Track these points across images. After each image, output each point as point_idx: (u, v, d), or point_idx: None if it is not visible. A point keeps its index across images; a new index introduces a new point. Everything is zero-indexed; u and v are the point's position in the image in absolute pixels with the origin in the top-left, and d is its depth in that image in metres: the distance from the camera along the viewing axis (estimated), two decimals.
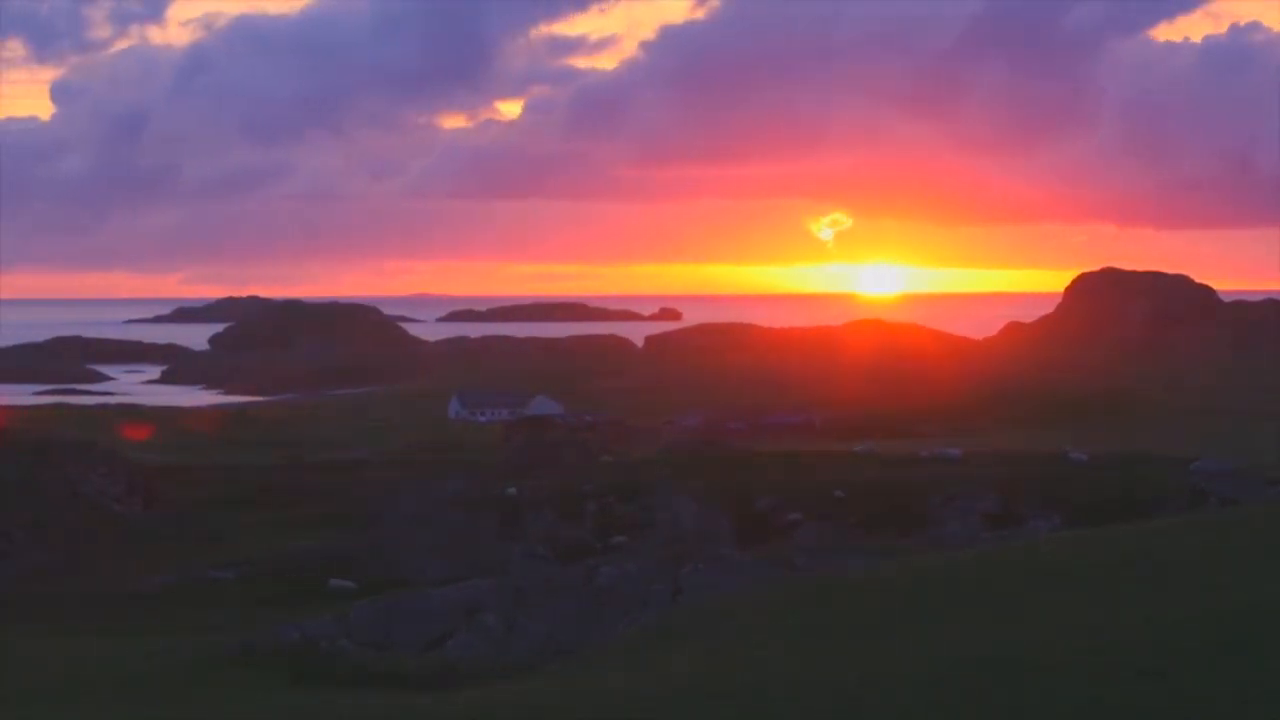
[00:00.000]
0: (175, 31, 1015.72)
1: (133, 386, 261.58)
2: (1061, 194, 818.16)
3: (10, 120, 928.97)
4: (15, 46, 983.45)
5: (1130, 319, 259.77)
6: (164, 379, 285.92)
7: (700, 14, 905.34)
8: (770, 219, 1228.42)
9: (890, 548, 43.06)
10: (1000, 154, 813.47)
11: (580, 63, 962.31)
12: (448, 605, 33.88)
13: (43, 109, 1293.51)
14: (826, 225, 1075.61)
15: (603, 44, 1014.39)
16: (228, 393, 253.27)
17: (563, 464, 76.48)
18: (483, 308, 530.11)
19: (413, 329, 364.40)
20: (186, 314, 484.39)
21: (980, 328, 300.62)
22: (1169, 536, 24.49)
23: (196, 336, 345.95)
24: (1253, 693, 13.13)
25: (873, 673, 16.00)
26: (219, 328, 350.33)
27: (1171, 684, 13.67)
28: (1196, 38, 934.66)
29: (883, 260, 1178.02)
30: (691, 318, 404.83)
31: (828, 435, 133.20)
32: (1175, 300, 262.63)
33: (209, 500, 74.11)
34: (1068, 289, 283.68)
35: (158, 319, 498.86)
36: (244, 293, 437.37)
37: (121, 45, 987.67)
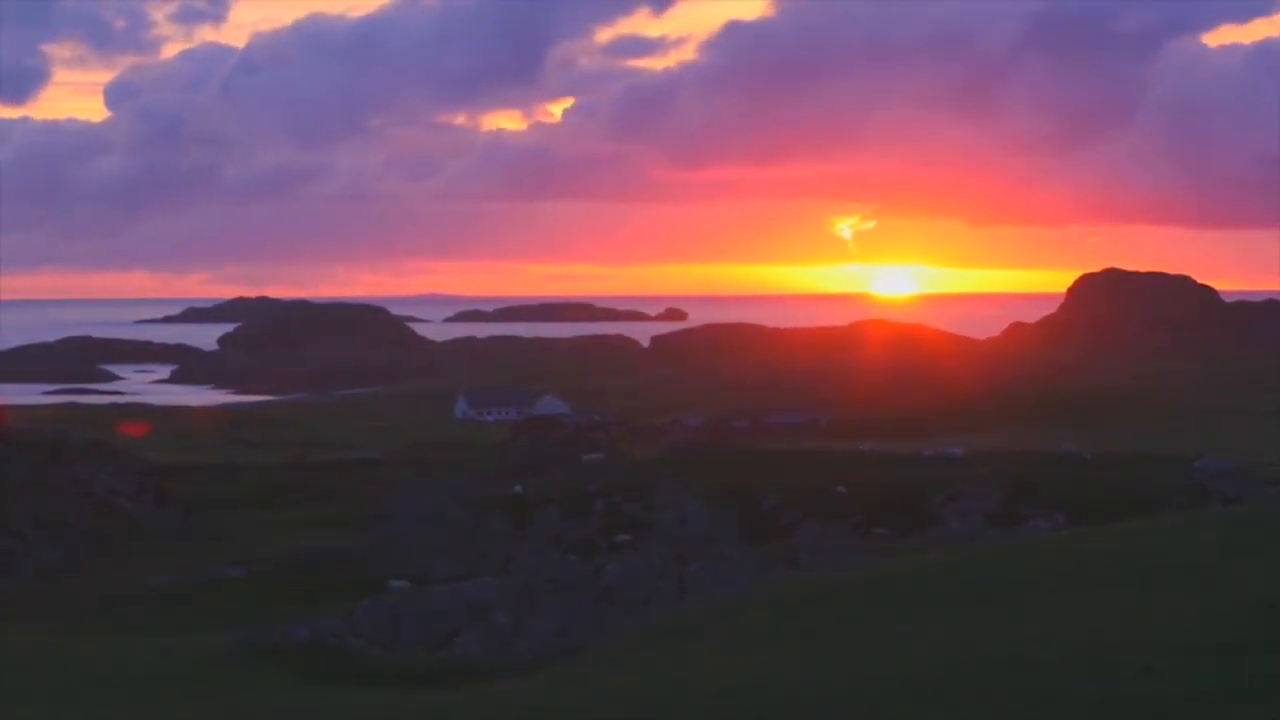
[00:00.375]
0: (231, 33, 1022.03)
1: (142, 386, 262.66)
2: (1098, 196, 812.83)
3: (69, 121, 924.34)
4: (74, 47, 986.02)
5: (1132, 319, 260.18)
6: (173, 379, 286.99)
7: (770, 12, 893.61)
8: (791, 219, 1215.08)
9: (892, 547, 43.20)
10: (1035, 156, 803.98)
11: (641, 64, 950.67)
12: (455, 603, 34.09)
13: (99, 110, 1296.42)
14: (847, 226, 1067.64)
15: (673, 44, 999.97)
16: (237, 393, 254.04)
17: (570, 463, 76.63)
18: (490, 308, 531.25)
19: (420, 329, 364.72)
20: (196, 314, 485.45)
21: (985, 327, 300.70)
22: (1169, 535, 24.57)
23: (206, 337, 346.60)
24: (1252, 690, 13.16)
25: (874, 671, 16.12)
26: (228, 328, 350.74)
27: (1171, 682, 13.70)
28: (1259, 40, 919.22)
29: (903, 261, 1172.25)
30: (697, 318, 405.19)
31: (831, 434, 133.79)
32: (1177, 301, 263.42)
33: (218, 499, 74.43)
34: (1070, 289, 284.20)
35: (167, 319, 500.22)
36: (255, 293, 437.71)
37: (178, 48, 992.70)
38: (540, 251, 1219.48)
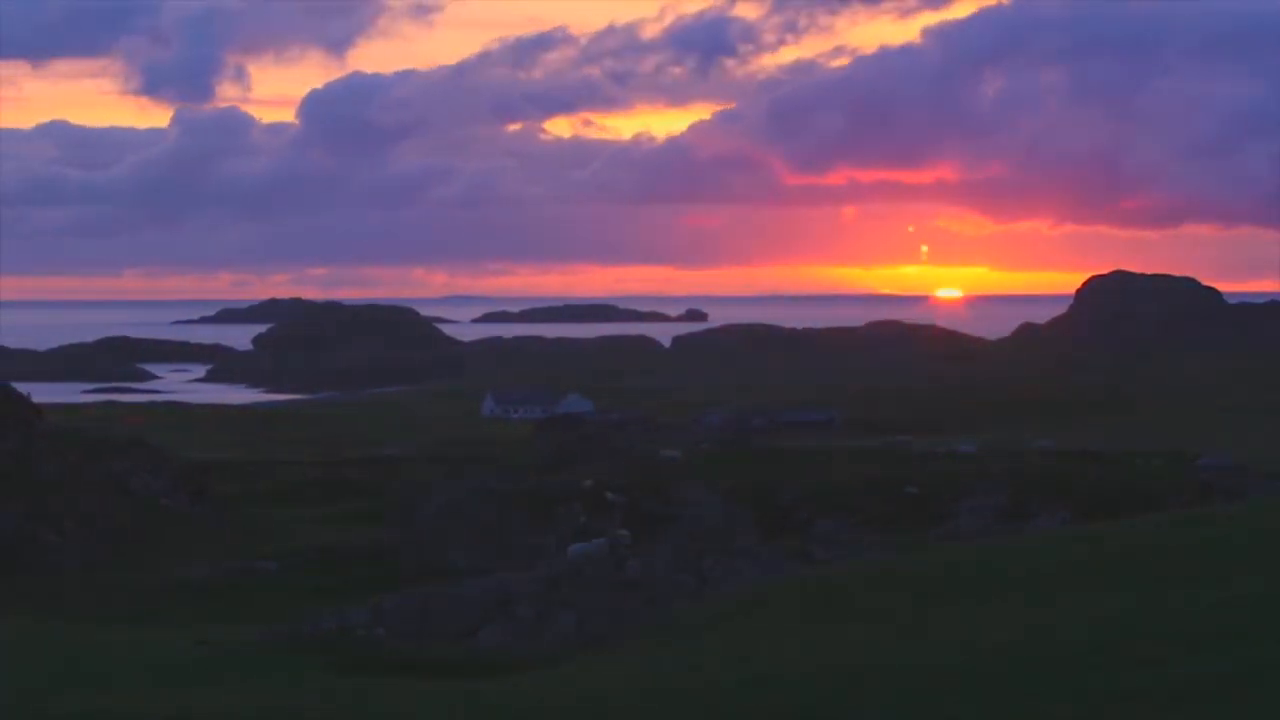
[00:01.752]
0: (423, 53, 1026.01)
1: (178, 385, 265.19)
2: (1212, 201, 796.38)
3: (200, 125, 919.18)
4: (270, 57, 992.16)
5: (1141, 319, 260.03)
6: (209, 378, 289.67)
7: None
8: (877, 221, 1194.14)
9: (904, 542, 43.82)
10: (1138, 160, 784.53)
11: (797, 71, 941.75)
12: (481, 596, 34.89)
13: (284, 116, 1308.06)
14: (921, 228, 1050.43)
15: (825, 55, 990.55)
16: (270, 391, 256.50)
17: (593, 460, 77.60)
18: (516, 309, 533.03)
19: (448, 330, 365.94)
20: (231, 315, 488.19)
21: (997, 328, 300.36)
22: (1172, 530, 25.00)
23: (240, 337, 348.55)
24: (1252, 682, 13.29)
25: (885, 663, 16.64)
26: (262, 328, 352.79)
27: (1174, 673, 13.93)
28: None
29: (973, 264, 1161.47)
30: (717, 318, 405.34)
31: (846, 433, 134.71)
32: (1181, 302, 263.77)
33: (252, 495, 75.78)
34: (1078, 291, 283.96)
35: (203, 320, 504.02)
36: (288, 294, 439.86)
37: (362, 62, 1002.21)
38: (563, 254, 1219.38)
